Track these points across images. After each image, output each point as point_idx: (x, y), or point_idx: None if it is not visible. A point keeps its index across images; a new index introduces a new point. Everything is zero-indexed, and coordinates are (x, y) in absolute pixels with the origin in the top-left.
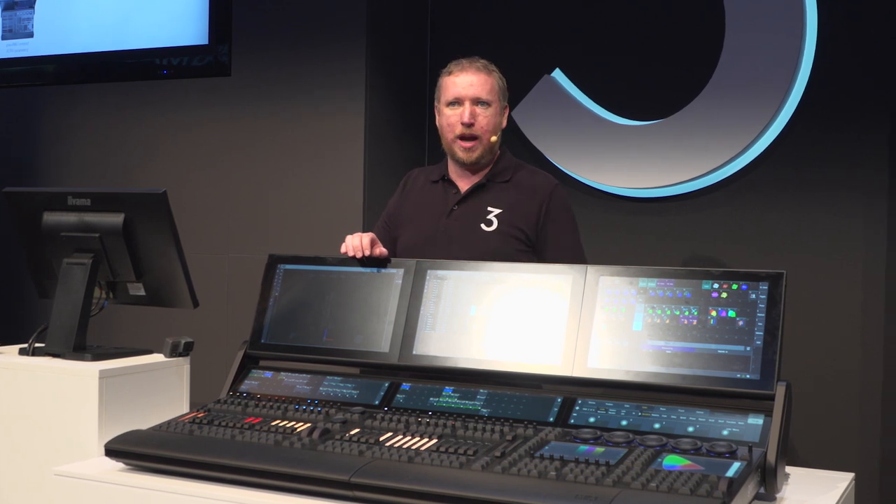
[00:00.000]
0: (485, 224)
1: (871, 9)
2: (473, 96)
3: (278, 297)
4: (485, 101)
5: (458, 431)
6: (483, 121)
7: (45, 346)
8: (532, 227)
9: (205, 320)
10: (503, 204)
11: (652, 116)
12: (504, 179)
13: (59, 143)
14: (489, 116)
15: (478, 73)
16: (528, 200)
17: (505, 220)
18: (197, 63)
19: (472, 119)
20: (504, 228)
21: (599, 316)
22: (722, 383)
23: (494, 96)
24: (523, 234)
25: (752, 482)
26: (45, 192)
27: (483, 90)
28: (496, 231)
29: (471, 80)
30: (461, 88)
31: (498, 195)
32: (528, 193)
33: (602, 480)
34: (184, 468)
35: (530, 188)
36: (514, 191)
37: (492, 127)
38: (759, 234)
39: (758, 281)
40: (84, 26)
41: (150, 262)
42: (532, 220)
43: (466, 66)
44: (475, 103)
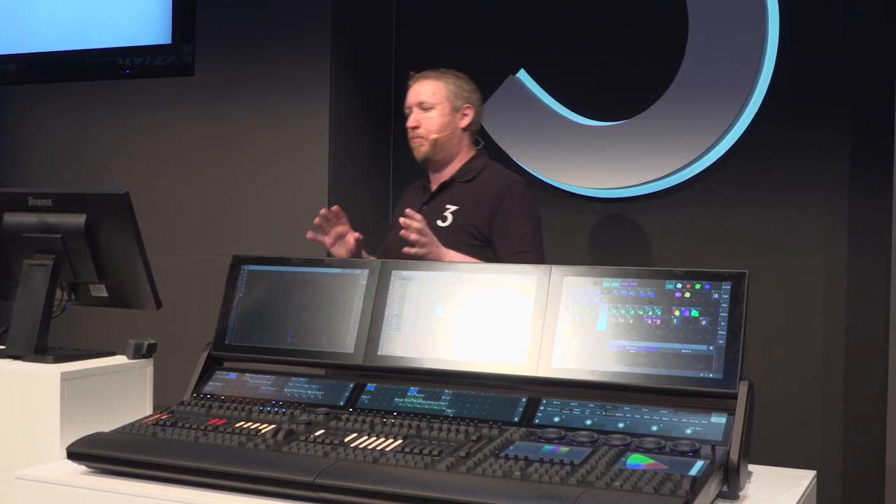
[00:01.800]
0: (441, 220)
1: (833, 9)
2: (417, 102)
3: (242, 297)
4: (427, 104)
5: (422, 432)
6: (426, 122)
7: (6, 348)
8: (485, 223)
9: (168, 321)
10: (460, 202)
11: (616, 117)
12: (467, 179)
13: (20, 143)
14: (431, 117)
15: (424, 81)
16: (483, 197)
17: (459, 216)
18: (160, 63)
19: (416, 123)
20: (457, 225)
21: (564, 316)
22: (685, 382)
23: (439, 99)
24: (476, 229)
25: (715, 480)
26: (5, 192)
27: (425, 95)
28: (449, 227)
29: (416, 89)
30: (409, 98)
31: (458, 193)
32: (485, 191)
33: (566, 480)
34: (147, 470)
35: (488, 186)
36: (474, 189)
37: (435, 127)
38: (723, 234)
39: (720, 281)
40: (46, 25)
41: (113, 263)
42: (485, 216)
43: (418, 77)
44: (420, 108)
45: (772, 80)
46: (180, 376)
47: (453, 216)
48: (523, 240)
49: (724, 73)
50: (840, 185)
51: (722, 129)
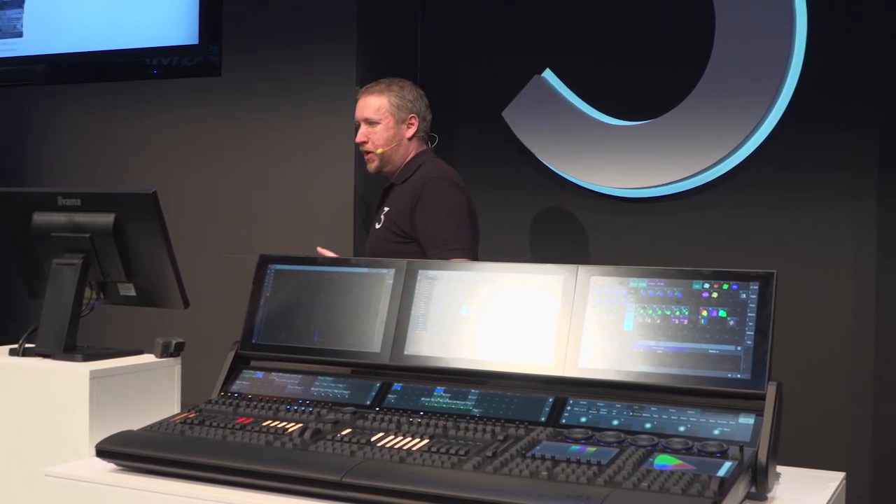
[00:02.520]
0: (377, 223)
1: (862, 9)
2: (363, 118)
3: (269, 297)
4: (373, 120)
5: (449, 431)
6: (373, 137)
7: (36, 347)
8: (406, 221)
9: (195, 321)
10: (392, 203)
11: (642, 116)
12: (403, 180)
13: (48, 143)
14: (377, 132)
15: (369, 96)
16: (407, 196)
17: (388, 218)
18: (187, 63)
19: (364, 138)
20: (386, 226)
21: (590, 316)
22: (713, 383)
23: (383, 114)
24: (398, 227)
25: (744, 482)
26: (35, 192)
27: (370, 111)
28: (381, 229)
29: (361, 104)
30: (356, 112)
31: (394, 196)
32: (410, 189)
33: (594, 480)
34: (175, 468)
35: (412, 185)
36: (402, 193)
37: (381, 141)
38: (750, 234)
39: (748, 281)
40: (74, 26)
41: (141, 263)
42: (407, 214)
43: (362, 92)
44: (366, 123)
45: (799, 79)
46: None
47: (385, 218)
48: (439, 235)
49: (750, 72)
50: (868, 186)
51: (749, 128)
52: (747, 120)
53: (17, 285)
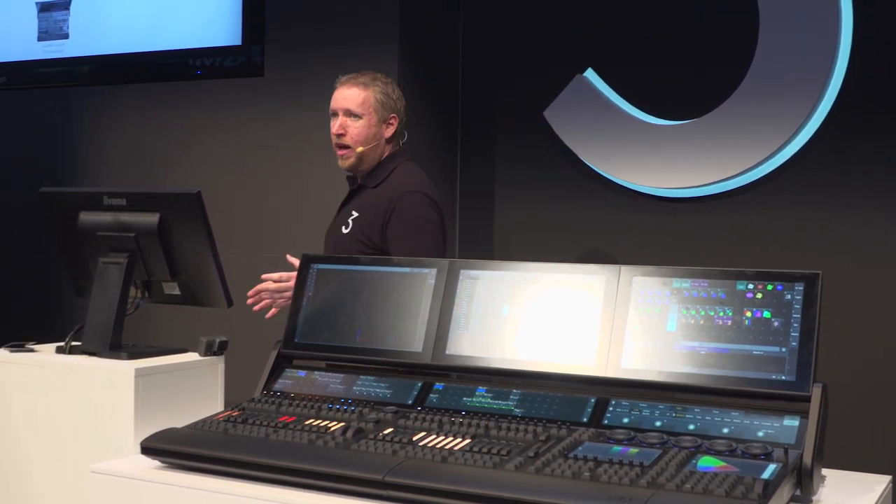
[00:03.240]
0: (344, 227)
1: None
2: (345, 108)
3: (312, 296)
4: (355, 113)
5: (491, 431)
6: (352, 131)
7: (82, 345)
8: (377, 233)
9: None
10: (361, 209)
11: (685, 116)
12: (374, 184)
13: (93, 143)
14: (358, 128)
15: (353, 87)
16: (378, 207)
17: (357, 224)
18: (230, 63)
19: (342, 130)
20: (354, 233)
21: (633, 316)
22: (757, 384)
23: (367, 109)
24: (368, 239)
25: (788, 484)
26: (81, 192)
27: (354, 103)
28: (348, 234)
29: (344, 94)
30: (336, 102)
31: (362, 200)
32: (381, 200)
33: (636, 481)
34: (219, 466)
35: (384, 194)
36: (373, 197)
37: (362, 138)
38: (793, 235)
39: (793, 281)
40: (118, 27)
41: (185, 262)
42: (378, 226)
43: (345, 81)
44: (346, 115)
45: (844, 78)
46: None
47: (353, 224)
48: (411, 253)
49: (795, 71)
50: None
51: (793, 128)
52: (791, 120)
53: (64, 284)
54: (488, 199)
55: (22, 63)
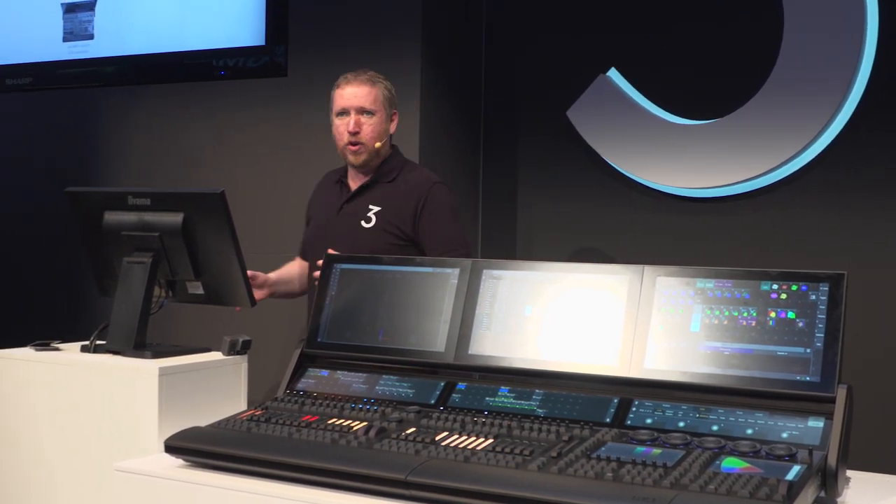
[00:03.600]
0: (364, 221)
1: None
2: (358, 106)
3: (335, 296)
4: (369, 110)
5: (513, 431)
6: (367, 129)
7: (106, 344)
8: (408, 224)
9: (262, 319)
10: (383, 202)
11: (709, 116)
12: (389, 179)
13: (118, 143)
14: (373, 124)
15: (362, 84)
16: (405, 198)
17: (382, 217)
18: (253, 64)
19: (357, 128)
20: (381, 225)
21: (656, 316)
22: (781, 385)
23: (378, 106)
24: (399, 230)
25: (813, 486)
26: (106, 191)
27: (367, 100)
28: (373, 228)
29: (355, 91)
30: (346, 100)
31: (380, 194)
32: (407, 192)
33: (660, 482)
34: (242, 465)
35: (409, 187)
36: (395, 190)
37: (376, 134)
38: (818, 235)
39: (818, 282)
40: (143, 28)
41: (209, 261)
42: (408, 217)
43: (352, 80)
44: (360, 113)
45: (870, 78)
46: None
47: (376, 217)
48: (450, 240)
49: (820, 70)
50: None
51: (818, 128)
52: (816, 119)
53: (89, 283)
54: (511, 199)
55: (47, 64)
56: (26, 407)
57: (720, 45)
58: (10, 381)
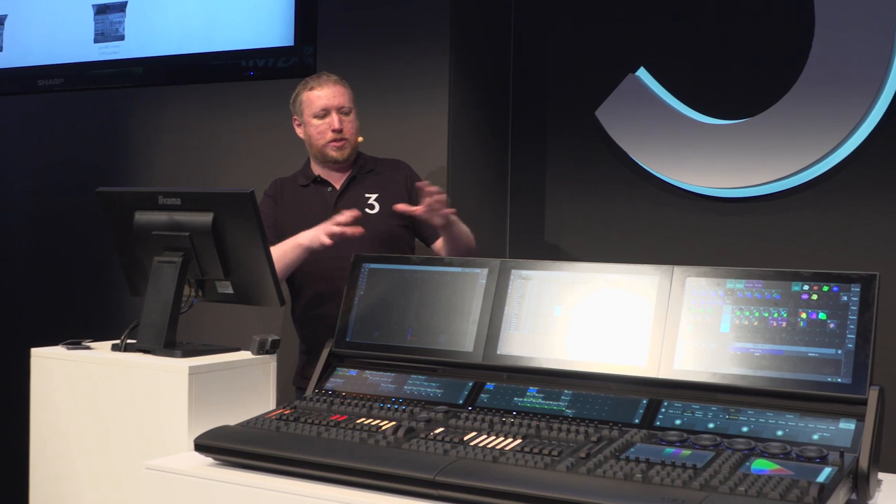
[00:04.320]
0: (368, 208)
1: None
2: (338, 105)
3: (363, 296)
4: (346, 108)
5: (542, 432)
6: (349, 125)
7: (137, 343)
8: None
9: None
10: (378, 189)
11: (739, 115)
12: (369, 170)
13: (148, 143)
14: (352, 121)
15: (336, 85)
16: (395, 183)
17: (383, 202)
18: (282, 64)
19: (341, 125)
20: (385, 209)
21: (686, 317)
22: (812, 387)
23: (352, 104)
24: (400, 212)
25: (844, 488)
26: (136, 191)
27: (344, 99)
28: (379, 213)
29: (334, 92)
30: (327, 100)
31: (370, 185)
32: (394, 178)
33: (689, 484)
34: (271, 464)
35: (393, 173)
36: (381, 178)
37: (356, 129)
38: (849, 236)
39: (850, 283)
40: (172, 29)
41: (238, 261)
42: (404, 200)
43: (325, 81)
44: (339, 112)
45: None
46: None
47: (379, 203)
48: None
49: (851, 69)
50: None
51: (849, 127)
52: (847, 119)
53: (120, 283)
54: (539, 199)
55: (78, 65)
56: (58, 405)
57: (750, 44)
58: (42, 380)
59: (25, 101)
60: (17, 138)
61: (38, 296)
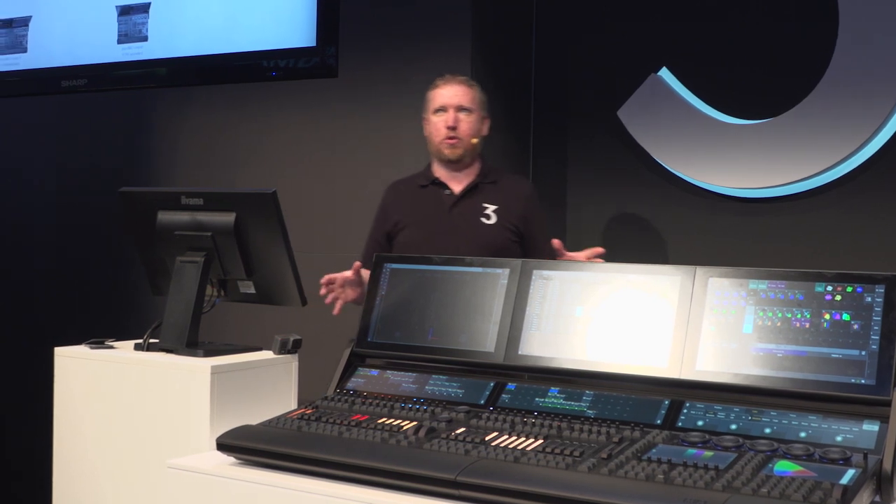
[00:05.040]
0: (484, 218)
1: None
2: (456, 104)
3: (384, 296)
4: (466, 108)
5: (563, 432)
6: (465, 125)
7: (159, 342)
8: (522, 223)
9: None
10: (496, 202)
11: (762, 115)
12: (491, 181)
13: (171, 143)
14: (470, 122)
15: (460, 85)
16: (515, 200)
17: (501, 215)
18: (304, 64)
19: (456, 123)
20: (501, 223)
21: (708, 318)
22: (835, 388)
23: (475, 105)
24: (515, 227)
25: (867, 490)
26: (159, 192)
27: (465, 99)
28: (495, 225)
29: (455, 90)
30: (445, 98)
31: (490, 195)
32: (515, 194)
33: (711, 485)
34: (292, 463)
35: (516, 190)
36: (503, 192)
37: (472, 131)
38: (873, 237)
39: (874, 283)
40: (195, 30)
41: (260, 261)
42: (520, 216)
43: (450, 80)
44: (458, 110)
45: None
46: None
47: (496, 215)
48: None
49: (874, 70)
50: None
51: (873, 127)
52: (871, 119)
53: (142, 282)
54: (561, 199)
55: (102, 66)
56: (81, 403)
57: (773, 43)
58: (65, 378)
59: (49, 102)
60: (41, 139)
61: (61, 296)
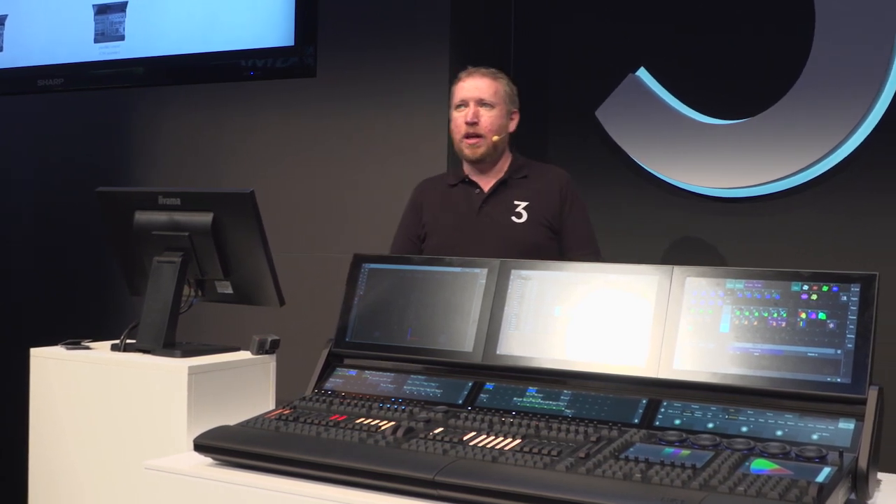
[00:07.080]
0: (515, 217)
1: None
2: (477, 98)
3: (363, 296)
4: (488, 102)
5: (541, 432)
6: (486, 120)
7: (136, 343)
8: (556, 217)
9: (290, 318)
10: (527, 197)
11: (738, 115)
12: (522, 176)
13: (148, 143)
14: (492, 117)
15: (483, 77)
16: (548, 193)
17: (533, 211)
18: (282, 64)
19: (476, 118)
20: (533, 219)
21: (686, 317)
22: (812, 387)
23: (498, 100)
24: (549, 223)
25: (843, 488)
26: (136, 191)
27: (487, 93)
28: (527, 222)
29: (476, 83)
30: (467, 91)
31: (520, 190)
32: (547, 186)
33: (688, 483)
34: (270, 464)
35: (547, 181)
36: (534, 185)
37: (494, 126)
38: (849, 236)
39: (849, 282)
40: (172, 29)
41: (238, 261)
42: (555, 210)
43: (473, 72)
44: (479, 104)
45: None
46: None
47: (527, 212)
48: (589, 240)
49: (851, 71)
50: None
51: (848, 127)
52: (847, 119)
53: (119, 283)
54: None
55: (79, 65)
56: (57, 405)
57: (750, 45)
58: (41, 379)
59: (26, 102)
60: (18, 139)
61: (37, 296)
